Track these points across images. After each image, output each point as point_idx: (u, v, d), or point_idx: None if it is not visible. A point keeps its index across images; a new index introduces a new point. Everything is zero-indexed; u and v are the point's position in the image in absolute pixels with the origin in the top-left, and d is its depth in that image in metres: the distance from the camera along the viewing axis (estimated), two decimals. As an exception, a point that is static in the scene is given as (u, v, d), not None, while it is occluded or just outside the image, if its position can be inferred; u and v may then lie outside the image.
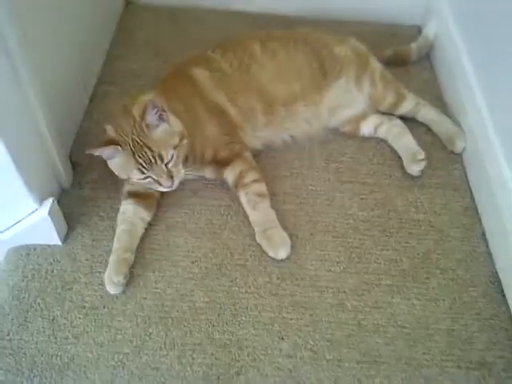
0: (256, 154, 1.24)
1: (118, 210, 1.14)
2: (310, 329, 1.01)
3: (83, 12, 1.34)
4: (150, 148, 1.01)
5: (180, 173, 1.08)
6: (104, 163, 1.09)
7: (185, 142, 1.07)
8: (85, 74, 1.38)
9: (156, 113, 1.01)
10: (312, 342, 1.00)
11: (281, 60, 1.26)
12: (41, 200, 1.06)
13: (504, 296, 1.07)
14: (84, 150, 1.25)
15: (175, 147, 1.04)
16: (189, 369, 0.96)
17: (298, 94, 1.25)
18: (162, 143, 1.02)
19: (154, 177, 1.05)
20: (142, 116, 1.00)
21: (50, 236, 1.08)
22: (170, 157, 1.04)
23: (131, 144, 1.01)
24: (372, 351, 0.99)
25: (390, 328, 1.02)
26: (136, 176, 1.05)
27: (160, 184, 1.06)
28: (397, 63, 1.48)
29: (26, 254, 1.08)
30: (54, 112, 1.10)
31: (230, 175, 1.17)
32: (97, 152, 1.03)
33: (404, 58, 1.51)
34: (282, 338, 1.00)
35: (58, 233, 1.08)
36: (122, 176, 1.08)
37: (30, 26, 1.02)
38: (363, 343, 1.00)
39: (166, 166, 1.04)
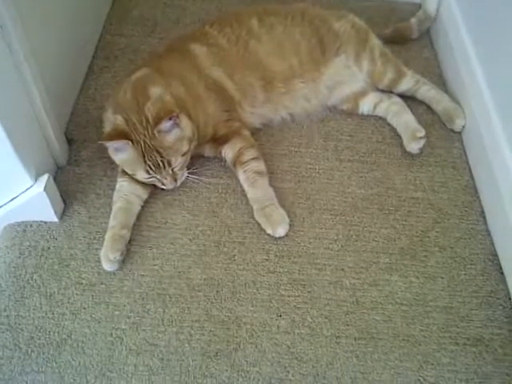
0: (254, 132, 1.23)
1: (115, 187, 1.12)
2: (307, 306, 1.01)
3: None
4: (159, 153, 1.02)
5: (184, 175, 1.10)
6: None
7: (193, 145, 1.07)
8: (80, 50, 1.35)
9: (170, 120, 0.99)
10: (310, 319, 0.99)
11: (279, 35, 1.23)
12: (36, 176, 1.04)
13: (502, 274, 1.06)
14: (80, 127, 1.26)
15: (184, 154, 1.05)
16: (187, 345, 0.95)
17: (297, 70, 1.23)
18: (172, 150, 1.03)
19: (159, 177, 1.06)
20: (156, 122, 0.99)
21: (47, 212, 1.06)
22: (178, 163, 1.05)
23: (142, 145, 1.00)
24: (370, 328, 0.99)
25: (387, 305, 1.02)
26: (141, 175, 1.05)
27: (163, 184, 1.08)
28: (397, 41, 1.46)
29: (22, 230, 1.07)
30: (50, 88, 1.08)
31: (228, 153, 1.15)
32: (109, 144, 1.03)
33: (404, 34, 1.48)
34: (280, 315, 1.00)
35: (55, 209, 1.07)
36: (127, 171, 1.07)
37: (24, 3, 0.99)
38: (361, 320, 1.00)
39: (172, 169, 1.05)
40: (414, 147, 1.21)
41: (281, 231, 1.08)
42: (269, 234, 1.09)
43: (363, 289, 1.04)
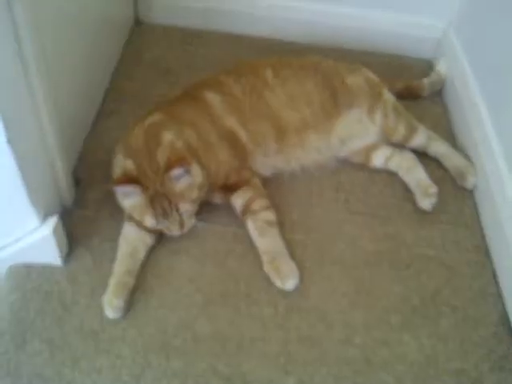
0: (264, 182, 1.27)
1: (121, 230, 1.16)
2: (316, 364, 1.03)
3: (93, 31, 1.39)
4: (168, 199, 1.06)
5: (192, 222, 1.14)
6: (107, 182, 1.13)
7: (203, 192, 1.12)
8: (92, 92, 1.42)
9: (181, 167, 1.04)
10: (318, 379, 1.01)
11: (292, 87, 1.30)
12: (43, 218, 1.08)
13: (514, 337, 1.10)
14: (87, 168, 1.31)
15: (193, 201, 1.10)
16: (190, 401, 0.97)
17: (309, 122, 1.30)
18: (181, 197, 1.08)
19: (166, 224, 1.10)
20: (167, 168, 1.04)
21: (52, 255, 1.10)
22: (186, 209, 1.09)
23: (152, 191, 1.05)
24: (380, 389, 1.01)
25: (398, 366, 1.04)
26: (149, 221, 1.09)
27: (170, 231, 1.12)
28: (408, 97, 1.54)
29: (26, 272, 1.10)
30: (61, 129, 1.13)
31: (238, 201, 1.20)
32: (118, 188, 1.07)
33: (416, 92, 1.57)
34: (288, 373, 1.01)
35: (60, 252, 1.10)
36: (135, 217, 1.11)
37: (46, 47, 1.06)
38: (371, 381, 1.02)
39: (180, 216, 1.09)
40: (426, 204, 1.27)
41: (290, 285, 1.11)
42: (278, 287, 1.12)
43: (373, 348, 1.06)
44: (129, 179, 1.05)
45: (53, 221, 1.08)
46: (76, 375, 0.98)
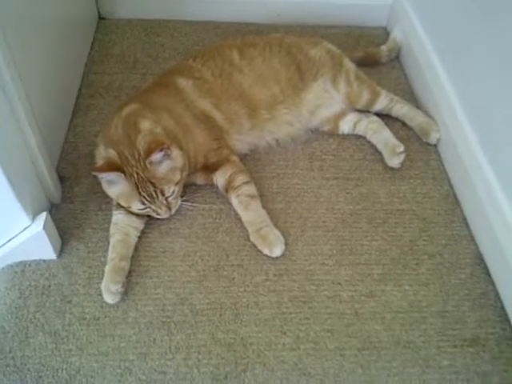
0: (242, 158, 1.24)
1: (110, 220, 1.12)
2: (310, 321, 1.02)
3: (58, 30, 1.31)
4: (152, 183, 1.02)
5: (178, 203, 1.11)
6: (92, 176, 1.08)
7: (185, 174, 1.08)
8: (65, 89, 1.36)
9: (161, 151, 1.00)
10: (313, 334, 1.00)
11: (259, 65, 1.27)
12: (33, 216, 1.03)
13: (490, 276, 1.09)
14: (70, 164, 1.26)
15: (177, 183, 1.06)
16: (196, 370, 0.95)
17: (279, 97, 1.26)
18: (164, 180, 1.04)
19: (154, 208, 1.06)
20: (147, 154, 1.00)
21: (45, 251, 1.05)
22: (171, 192, 1.06)
23: (136, 177, 1.01)
24: (371, 338, 1.00)
25: (386, 314, 1.03)
26: (137, 207, 1.06)
27: (158, 214, 1.08)
28: (367, 64, 1.51)
29: (20, 270, 1.05)
30: (41, 128, 1.08)
31: (220, 179, 1.17)
32: (102, 174, 1.03)
33: (374, 58, 1.54)
34: (285, 333, 1.00)
35: (53, 247, 1.05)
36: (122, 204, 1.07)
37: (19, 50, 1.00)
38: (362, 331, 1.01)
39: (166, 199, 1.06)
40: (395, 162, 1.25)
41: (278, 251, 1.09)
42: (266, 255, 1.10)
43: (361, 300, 1.05)
44: (111, 166, 1.01)
45: (43, 217, 1.03)
46: (83, 361, 0.94)
